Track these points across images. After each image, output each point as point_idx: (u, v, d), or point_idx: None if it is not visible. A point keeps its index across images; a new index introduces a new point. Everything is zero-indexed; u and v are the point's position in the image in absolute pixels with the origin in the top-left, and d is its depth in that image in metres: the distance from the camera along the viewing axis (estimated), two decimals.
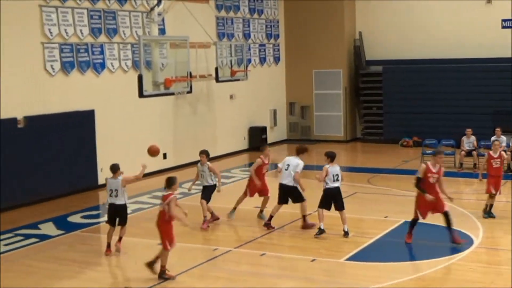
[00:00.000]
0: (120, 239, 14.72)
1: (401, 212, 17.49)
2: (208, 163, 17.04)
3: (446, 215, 14.54)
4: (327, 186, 15.45)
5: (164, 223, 12.94)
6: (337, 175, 15.47)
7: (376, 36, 31.83)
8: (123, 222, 14.72)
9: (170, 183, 13.14)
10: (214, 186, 17.04)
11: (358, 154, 30.08)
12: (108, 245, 14.60)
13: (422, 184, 14.47)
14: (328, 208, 15.50)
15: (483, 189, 20.77)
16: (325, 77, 32.16)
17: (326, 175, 15.37)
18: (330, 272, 13.21)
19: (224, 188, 19.35)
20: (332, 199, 15.43)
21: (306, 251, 14.49)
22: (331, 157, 15.60)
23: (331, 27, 31.75)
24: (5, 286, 12.86)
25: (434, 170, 14.50)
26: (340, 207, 15.43)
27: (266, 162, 17.52)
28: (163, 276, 12.81)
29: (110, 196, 14.51)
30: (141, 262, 13.88)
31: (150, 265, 12.93)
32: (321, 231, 15.41)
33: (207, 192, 17.06)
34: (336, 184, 15.44)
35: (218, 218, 17.18)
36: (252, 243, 15.30)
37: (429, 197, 14.30)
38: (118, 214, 14.64)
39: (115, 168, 14.65)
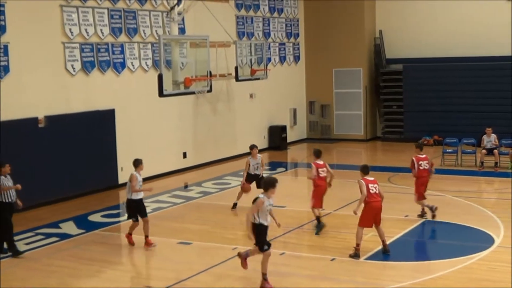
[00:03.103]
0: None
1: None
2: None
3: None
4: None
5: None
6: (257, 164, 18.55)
7: (396, 35, 31.72)
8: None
9: None
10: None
11: (378, 153, 29.99)
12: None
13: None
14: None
15: (504, 188, 20.76)
16: (345, 76, 32.11)
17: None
18: (349, 271, 13.18)
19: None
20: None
21: (326, 250, 14.48)
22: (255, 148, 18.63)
23: (351, 25, 31.68)
24: (27, 285, 12.95)
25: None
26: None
27: None
28: None
29: None
30: (161, 261, 13.95)
31: None
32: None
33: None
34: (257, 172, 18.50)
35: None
36: (271, 242, 15.25)
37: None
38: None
39: (135, 163, 15.34)
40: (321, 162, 16.28)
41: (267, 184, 12.39)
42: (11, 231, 14.83)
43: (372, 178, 14.38)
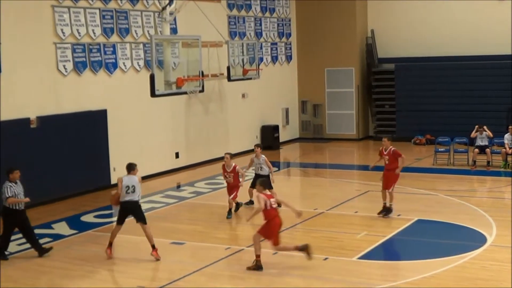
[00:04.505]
0: (152, 246, 14.19)
1: (414, 210, 17.48)
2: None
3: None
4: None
5: None
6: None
7: (388, 34, 31.76)
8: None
9: None
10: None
11: (370, 152, 29.95)
12: (110, 244, 14.48)
13: None
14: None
15: (496, 187, 20.84)
16: (337, 75, 32.12)
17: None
18: (342, 270, 13.18)
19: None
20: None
21: (319, 250, 14.44)
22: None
23: (343, 25, 31.70)
24: (19, 285, 12.92)
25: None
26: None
27: None
28: None
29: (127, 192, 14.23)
30: (154, 261, 13.94)
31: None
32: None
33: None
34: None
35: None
36: (263, 242, 15.25)
37: None
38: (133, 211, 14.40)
39: (131, 167, 14.45)
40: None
41: None
42: (28, 235, 14.77)
43: (269, 193, 13.69)
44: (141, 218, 14.41)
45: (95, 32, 21.35)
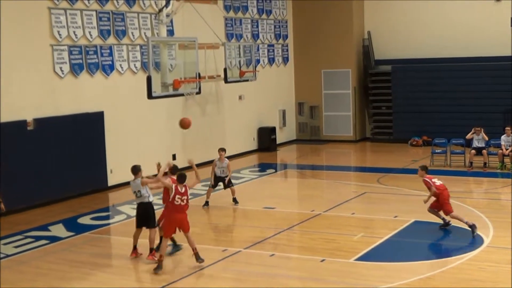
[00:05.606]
0: (150, 250, 14.22)
1: (410, 212, 17.48)
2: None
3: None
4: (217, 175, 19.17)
5: None
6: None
7: (385, 36, 31.77)
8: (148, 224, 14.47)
9: None
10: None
11: (367, 154, 30.03)
12: (134, 247, 14.55)
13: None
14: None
15: (492, 188, 20.84)
16: (334, 77, 32.11)
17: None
18: (339, 272, 13.18)
19: (234, 188, 19.44)
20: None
21: (315, 252, 14.48)
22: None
23: (340, 26, 31.70)
24: (16, 287, 12.91)
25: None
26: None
27: None
28: None
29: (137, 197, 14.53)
30: (151, 263, 13.93)
31: None
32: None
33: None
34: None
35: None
36: (261, 244, 15.29)
37: None
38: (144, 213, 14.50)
39: (135, 170, 14.66)
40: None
41: None
42: None
43: (183, 190, 13.78)
44: (147, 221, 14.45)
45: (91, 34, 21.33)
